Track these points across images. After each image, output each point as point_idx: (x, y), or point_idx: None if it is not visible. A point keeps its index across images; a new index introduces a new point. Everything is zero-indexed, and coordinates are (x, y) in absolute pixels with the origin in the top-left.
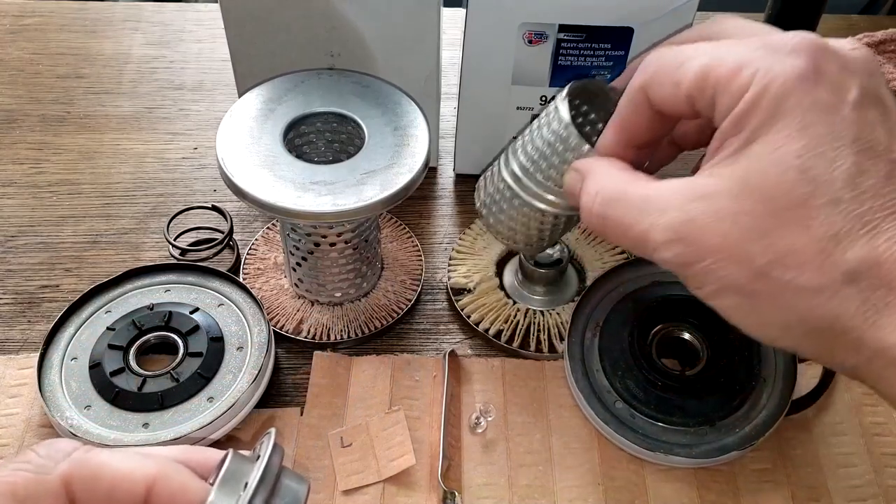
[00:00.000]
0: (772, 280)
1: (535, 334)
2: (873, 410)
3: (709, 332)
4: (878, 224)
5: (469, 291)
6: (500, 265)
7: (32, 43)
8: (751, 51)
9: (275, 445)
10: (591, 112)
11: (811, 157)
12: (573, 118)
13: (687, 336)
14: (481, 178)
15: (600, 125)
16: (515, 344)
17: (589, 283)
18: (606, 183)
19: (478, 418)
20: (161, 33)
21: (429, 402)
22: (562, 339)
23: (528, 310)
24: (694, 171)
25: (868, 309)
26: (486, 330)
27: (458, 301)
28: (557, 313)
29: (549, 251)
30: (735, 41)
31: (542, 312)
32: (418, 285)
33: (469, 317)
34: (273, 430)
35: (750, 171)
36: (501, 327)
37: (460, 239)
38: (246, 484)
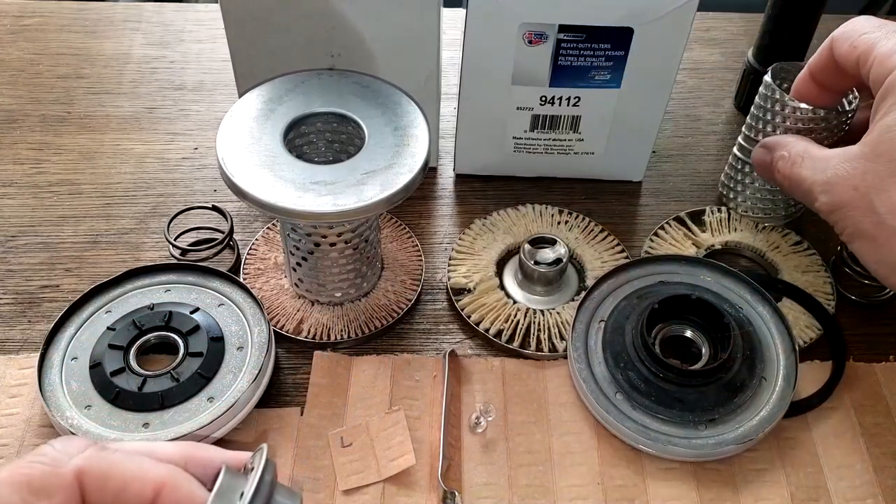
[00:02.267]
0: (888, 227)
1: (536, 334)
2: (873, 410)
3: (712, 331)
4: None
5: (469, 291)
6: (500, 265)
7: (33, 43)
8: None
9: (267, 461)
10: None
11: None
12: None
13: (690, 334)
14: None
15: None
16: (516, 344)
17: (589, 282)
18: (793, 149)
19: (478, 418)
20: (161, 34)
21: (429, 402)
22: (562, 338)
23: (528, 309)
24: None
25: None
26: (487, 330)
27: (458, 301)
28: (557, 312)
29: (549, 251)
30: None
31: (542, 312)
32: (418, 285)
33: (469, 317)
34: (265, 446)
35: (882, 138)
36: (502, 327)
37: (460, 239)
38: (241, 494)
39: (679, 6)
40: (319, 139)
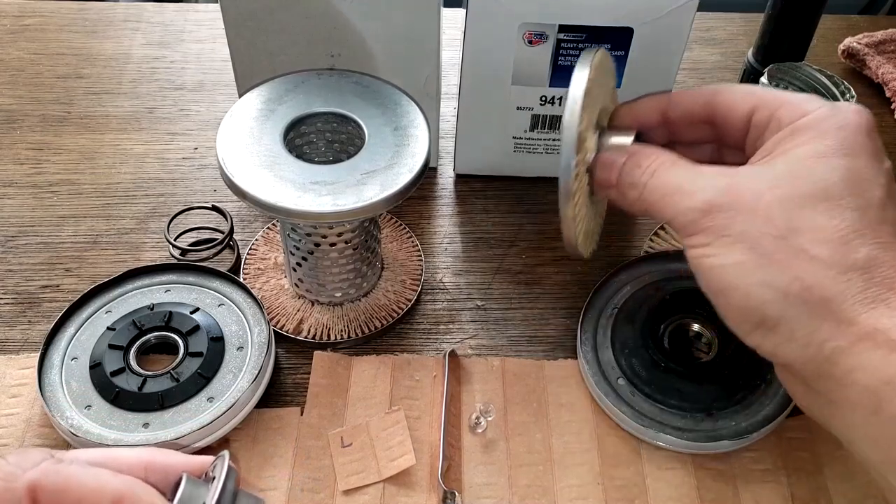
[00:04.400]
0: (789, 244)
1: None
2: None
3: (722, 327)
4: (891, 244)
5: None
6: None
7: (33, 43)
8: (818, 97)
9: (230, 468)
10: None
11: (857, 174)
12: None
13: (697, 328)
14: None
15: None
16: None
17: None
18: (662, 154)
19: (478, 418)
20: (161, 34)
21: (429, 402)
22: None
23: None
24: None
25: (868, 296)
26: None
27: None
28: None
29: None
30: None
31: None
32: (418, 285)
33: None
34: (226, 453)
35: (799, 163)
36: None
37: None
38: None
39: (679, 6)
40: (319, 139)
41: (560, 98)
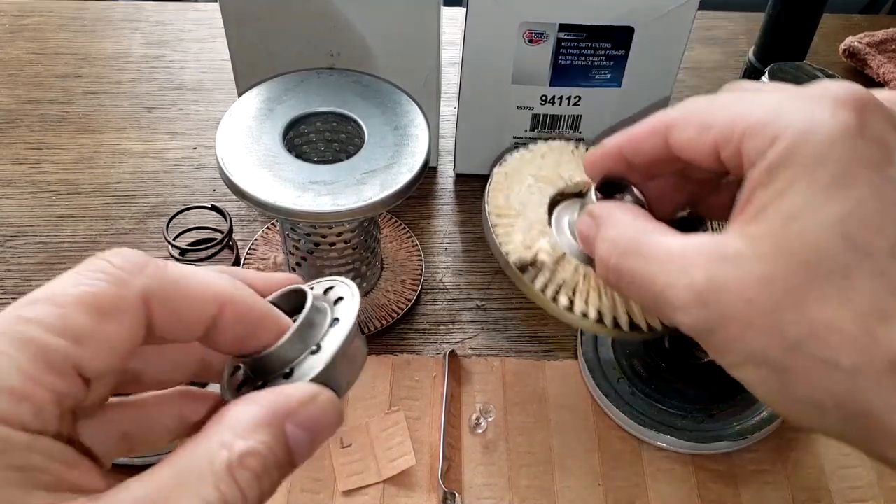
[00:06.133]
0: (805, 355)
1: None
2: None
3: None
4: None
5: (539, 267)
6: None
7: (32, 43)
8: (787, 98)
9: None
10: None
11: (856, 221)
12: None
13: None
14: None
15: None
16: (608, 321)
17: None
18: (623, 231)
19: (478, 418)
20: (161, 33)
21: (429, 402)
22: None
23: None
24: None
25: None
26: (585, 314)
27: (532, 282)
28: None
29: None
30: (771, 88)
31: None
32: (418, 285)
33: (556, 300)
34: (347, 282)
35: (784, 230)
36: (599, 306)
37: (491, 197)
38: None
39: (680, 5)
40: (319, 139)
41: (560, 97)
